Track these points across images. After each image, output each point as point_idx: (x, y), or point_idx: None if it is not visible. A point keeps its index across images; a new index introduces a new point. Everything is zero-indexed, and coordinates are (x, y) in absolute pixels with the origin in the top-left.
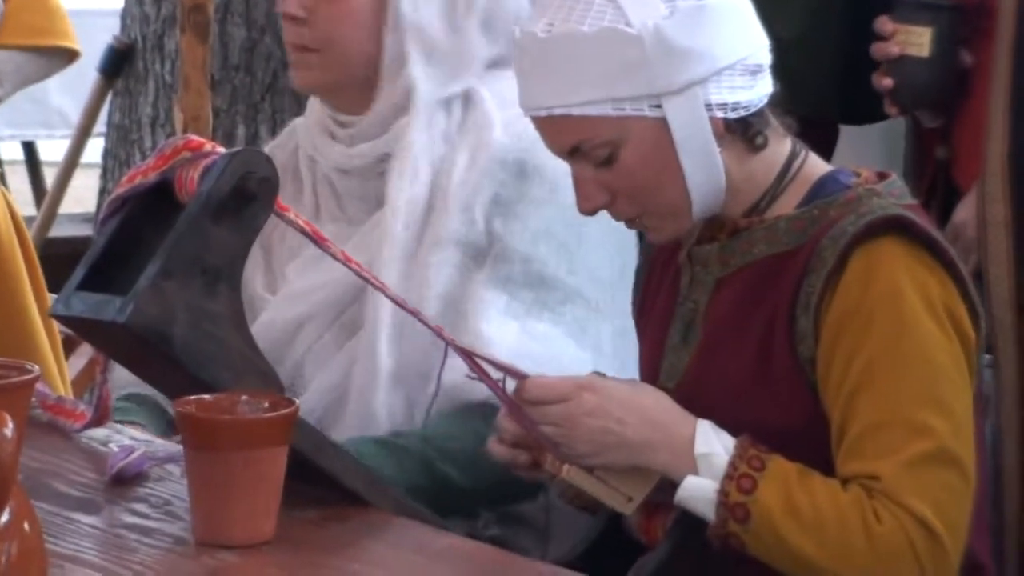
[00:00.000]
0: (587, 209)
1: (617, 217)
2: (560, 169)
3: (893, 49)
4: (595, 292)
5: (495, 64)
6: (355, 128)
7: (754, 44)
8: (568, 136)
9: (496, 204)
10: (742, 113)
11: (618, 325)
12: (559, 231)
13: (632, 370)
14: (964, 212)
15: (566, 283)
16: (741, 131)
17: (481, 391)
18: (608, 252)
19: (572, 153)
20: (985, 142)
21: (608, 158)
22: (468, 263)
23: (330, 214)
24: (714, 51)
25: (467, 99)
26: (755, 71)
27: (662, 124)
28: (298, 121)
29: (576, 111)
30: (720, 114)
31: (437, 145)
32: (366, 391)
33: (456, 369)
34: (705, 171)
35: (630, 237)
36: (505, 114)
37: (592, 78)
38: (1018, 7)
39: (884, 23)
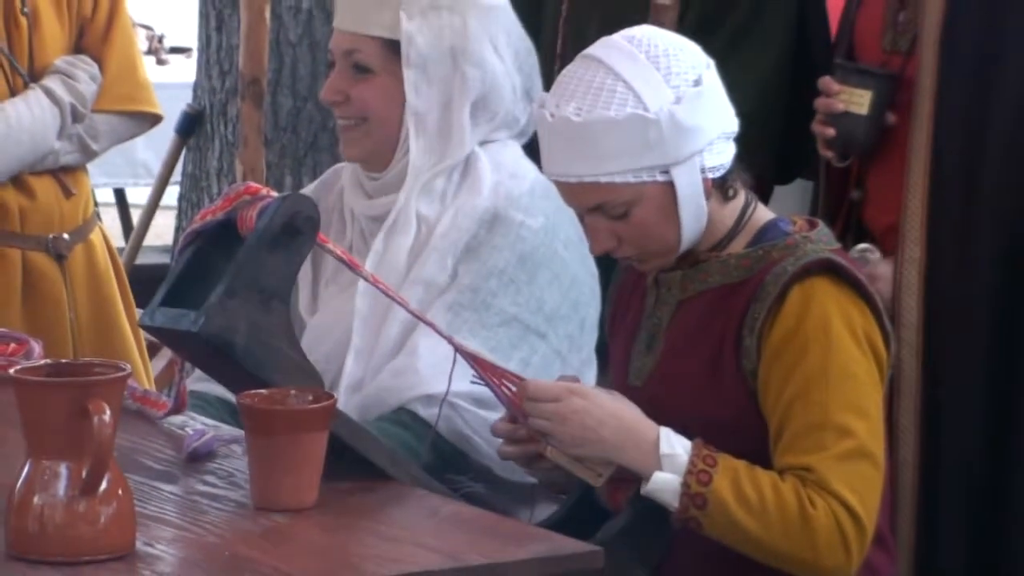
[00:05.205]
0: (599, 252)
1: (619, 256)
2: (526, 224)
3: (838, 106)
4: (536, 320)
5: (490, 139)
6: (379, 182)
7: (730, 116)
8: (593, 198)
9: (466, 252)
10: (722, 172)
11: (555, 347)
12: (511, 271)
13: None
14: (883, 268)
15: (506, 311)
16: (720, 186)
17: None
18: (560, 291)
19: (593, 210)
20: (904, 195)
21: (623, 214)
22: (429, 299)
23: (359, 253)
24: (708, 126)
25: (467, 165)
26: (730, 137)
27: (669, 187)
28: (340, 166)
29: (603, 179)
30: (710, 175)
31: (433, 205)
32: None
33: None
34: (696, 221)
35: (589, 282)
36: (497, 177)
37: (619, 154)
38: (935, 85)
39: (829, 83)
